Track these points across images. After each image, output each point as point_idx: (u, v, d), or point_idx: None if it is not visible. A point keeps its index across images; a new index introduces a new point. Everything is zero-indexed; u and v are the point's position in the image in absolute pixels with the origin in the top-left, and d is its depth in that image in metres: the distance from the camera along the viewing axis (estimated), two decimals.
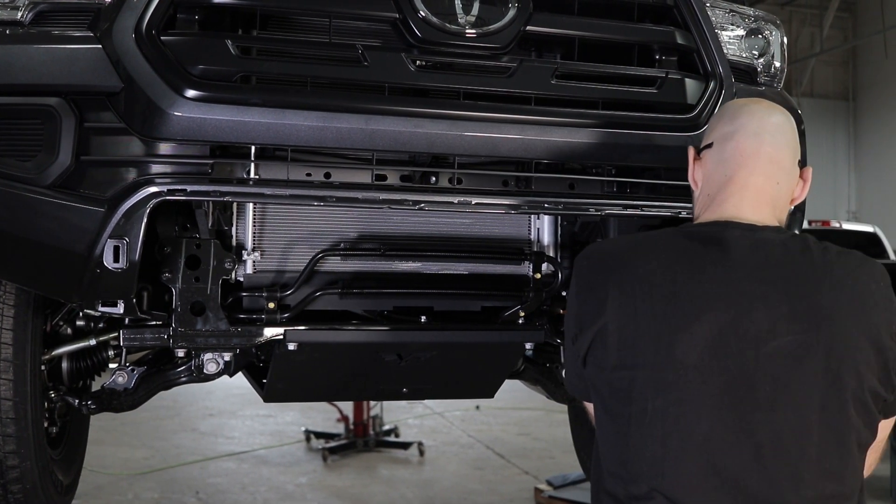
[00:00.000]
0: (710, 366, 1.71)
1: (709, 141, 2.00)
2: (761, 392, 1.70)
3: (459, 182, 2.67)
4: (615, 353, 1.79)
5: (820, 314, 1.73)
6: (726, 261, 1.78)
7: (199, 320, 2.60)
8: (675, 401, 1.72)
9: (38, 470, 2.75)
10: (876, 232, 11.36)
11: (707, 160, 1.99)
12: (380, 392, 3.57)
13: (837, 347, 1.72)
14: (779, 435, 1.70)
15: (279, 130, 2.34)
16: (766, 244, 1.82)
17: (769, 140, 1.91)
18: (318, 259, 2.74)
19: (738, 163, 1.91)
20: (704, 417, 1.70)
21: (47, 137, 2.28)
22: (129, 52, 2.27)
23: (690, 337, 1.72)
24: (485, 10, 2.48)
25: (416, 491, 5.94)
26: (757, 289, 1.75)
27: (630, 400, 1.77)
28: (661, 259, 1.81)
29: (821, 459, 1.71)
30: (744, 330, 1.72)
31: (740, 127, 1.94)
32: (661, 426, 1.72)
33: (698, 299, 1.75)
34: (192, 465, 6.50)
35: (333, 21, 2.50)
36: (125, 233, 2.30)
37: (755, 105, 2.00)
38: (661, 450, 1.72)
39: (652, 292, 1.77)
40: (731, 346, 1.71)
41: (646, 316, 1.76)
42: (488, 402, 8.16)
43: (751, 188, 1.90)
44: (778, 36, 3.11)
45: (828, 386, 1.71)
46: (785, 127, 1.95)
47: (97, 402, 2.87)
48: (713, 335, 1.72)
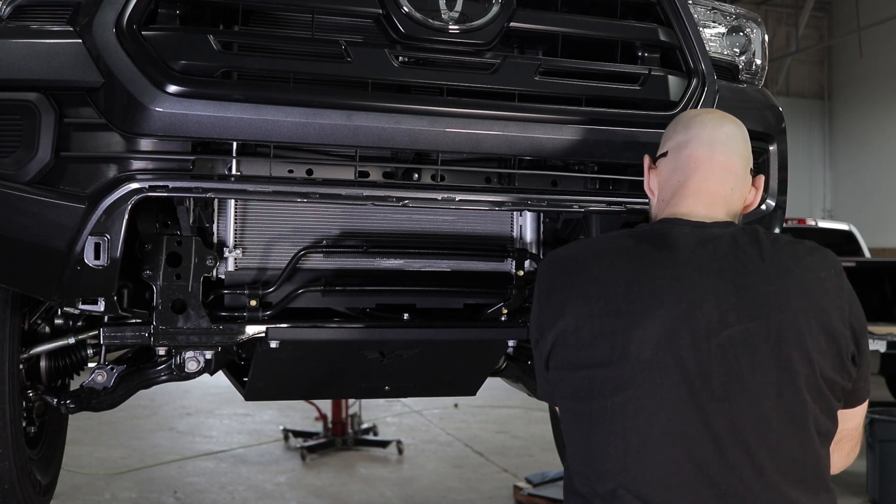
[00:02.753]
0: (665, 360, 1.75)
1: (664, 150, 2.06)
2: (716, 383, 1.74)
3: (443, 179, 2.67)
4: (574, 354, 1.83)
5: (769, 303, 1.77)
6: (675, 257, 1.83)
7: (181, 318, 2.58)
8: (634, 397, 1.75)
9: (16, 470, 2.72)
10: (851, 230, 11.41)
11: (662, 168, 2.05)
12: (362, 390, 3.55)
13: (788, 335, 1.76)
14: (736, 424, 1.73)
15: (261, 126, 2.32)
16: (714, 238, 1.86)
17: (721, 149, 1.97)
18: (301, 256, 2.73)
19: (692, 169, 1.97)
20: (663, 411, 1.74)
21: (26, 133, 2.26)
22: (109, 47, 2.24)
23: (644, 333, 1.76)
24: (468, 7, 2.48)
25: (395, 489, 5.93)
26: (706, 282, 1.79)
27: (591, 399, 1.80)
28: (614, 260, 1.86)
29: (781, 446, 1.74)
30: (695, 323, 1.76)
31: (694, 136, 1.99)
32: (622, 423, 1.76)
33: (649, 296, 1.79)
34: (170, 464, 6.46)
35: (316, 16, 2.49)
36: (106, 230, 2.28)
37: (708, 115, 2.06)
38: (623, 446, 1.76)
39: (606, 292, 1.82)
40: (684, 340, 1.75)
41: (601, 316, 1.81)
42: (467, 400, 8.17)
43: (704, 192, 1.96)
44: (759, 34, 3.12)
45: (781, 374, 1.75)
46: (737, 136, 2.01)
47: (76, 402, 2.84)
48: (666, 330, 1.76)
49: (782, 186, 3.07)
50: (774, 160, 3.05)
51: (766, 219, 3.02)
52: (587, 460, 1.82)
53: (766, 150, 3.03)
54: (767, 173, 3.03)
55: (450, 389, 3.58)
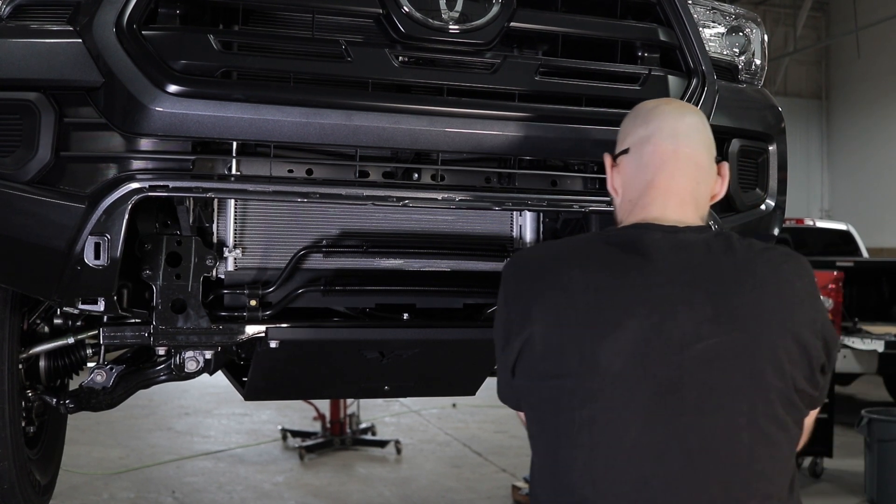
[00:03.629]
0: (636, 372, 1.69)
1: (624, 146, 1.98)
2: (688, 396, 1.68)
3: (443, 179, 2.66)
4: (541, 363, 1.77)
5: (744, 315, 1.72)
6: (647, 265, 1.77)
7: (180, 318, 2.58)
8: (603, 409, 1.70)
9: (15, 470, 2.72)
10: (849, 230, 11.42)
11: (625, 166, 1.97)
12: (361, 390, 3.56)
13: (762, 348, 1.70)
14: (708, 439, 1.68)
15: (261, 126, 2.32)
16: (687, 245, 1.80)
17: (685, 141, 1.91)
18: (301, 256, 2.72)
19: (658, 166, 1.90)
20: (632, 425, 1.69)
21: (26, 133, 2.25)
22: (109, 47, 2.24)
23: (614, 344, 1.70)
24: (468, 7, 2.47)
25: (394, 489, 5.93)
26: (680, 292, 1.73)
27: (558, 410, 1.75)
28: (583, 266, 1.79)
29: (751, 461, 1.70)
30: (668, 334, 1.70)
31: (656, 130, 1.93)
32: (590, 436, 1.70)
33: (621, 305, 1.73)
34: (168, 464, 6.46)
35: (317, 16, 2.49)
36: (106, 229, 2.27)
37: (667, 106, 1.99)
38: (591, 460, 1.70)
39: (575, 300, 1.75)
40: (656, 352, 1.69)
41: (570, 324, 1.74)
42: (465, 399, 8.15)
43: (673, 191, 1.89)
44: (758, 34, 3.12)
45: (754, 387, 1.70)
46: (699, 126, 1.95)
47: (75, 401, 2.84)
48: (637, 341, 1.70)
49: (782, 186, 3.06)
50: (774, 160, 3.05)
51: (766, 219, 3.01)
52: (553, 472, 1.77)
53: (766, 150, 3.03)
54: (767, 173, 3.03)
55: (449, 389, 3.59)
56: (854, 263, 8.91)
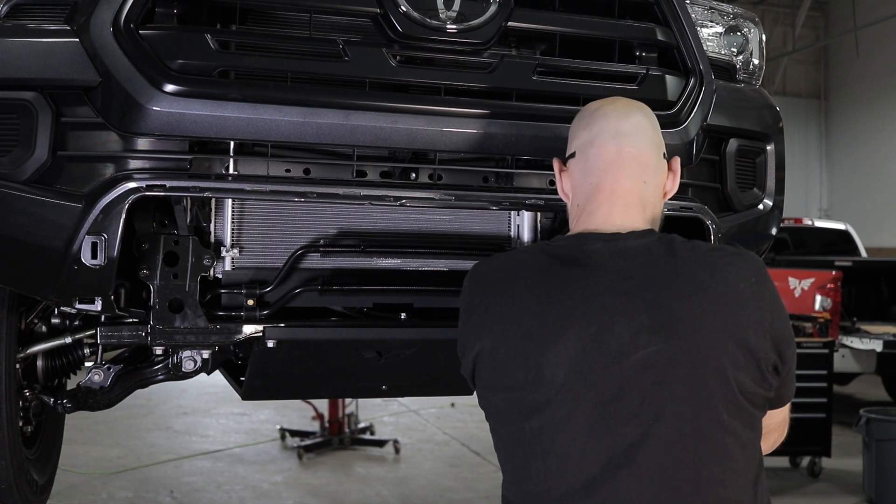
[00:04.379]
0: (578, 383, 1.70)
1: (571, 150, 1.98)
2: (629, 406, 1.68)
3: (440, 178, 2.66)
4: (492, 376, 1.79)
5: (682, 322, 1.70)
6: (586, 276, 1.77)
7: (178, 317, 2.57)
8: (550, 421, 1.71)
9: (12, 469, 2.72)
10: (848, 229, 11.43)
11: (573, 170, 1.97)
12: (359, 389, 3.56)
13: (702, 355, 1.69)
14: (651, 447, 1.68)
15: (259, 126, 2.31)
16: (627, 253, 1.79)
17: (629, 141, 1.90)
18: (298, 256, 2.72)
19: (602, 169, 1.90)
20: (579, 434, 1.69)
21: (23, 132, 2.25)
22: (106, 46, 2.23)
23: (556, 356, 1.71)
24: (466, 6, 2.47)
25: (392, 489, 5.93)
26: (617, 301, 1.73)
27: (510, 421, 1.77)
28: (527, 279, 1.81)
29: (698, 467, 1.69)
30: (606, 344, 1.70)
31: (599, 132, 1.92)
32: (541, 446, 1.72)
33: (561, 317, 1.73)
34: (167, 463, 6.46)
35: (314, 16, 2.48)
36: (103, 229, 2.27)
37: (610, 106, 1.97)
38: (544, 469, 1.72)
39: (519, 313, 1.77)
40: (596, 362, 1.70)
41: (514, 337, 1.75)
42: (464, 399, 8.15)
43: (619, 194, 1.88)
44: (756, 33, 3.12)
45: (695, 394, 1.69)
46: (643, 124, 1.94)
47: (73, 401, 2.84)
48: (577, 352, 1.70)
49: (780, 186, 3.06)
50: (772, 160, 3.04)
51: (764, 218, 3.01)
52: (513, 480, 1.79)
53: (764, 149, 3.02)
54: (765, 173, 3.03)
55: (447, 389, 3.58)
56: (853, 263, 8.93)
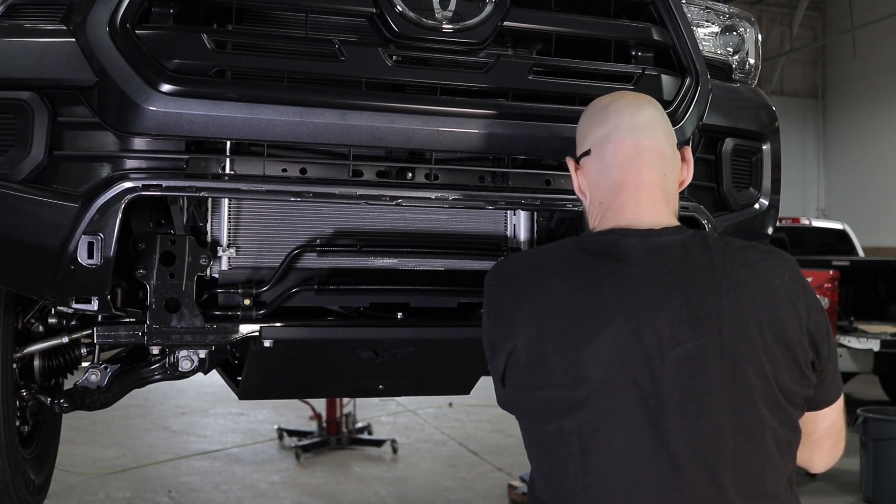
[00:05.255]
0: (619, 380, 1.69)
1: (585, 148, 1.97)
2: (671, 401, 1.68)
3: (436, 178, 2.66)
4: (527, 374, 1.76)
5: (722, 317, 1.71)
6: (623, 271, 1.76)
7: (174, 317, 2.57)
8: (590, 418, 1.69)
9: (9, 469, 2.72)
10: (845, 229, 11.44)
11: (589, 168, 1.96)
12: (356, 389, 3.56)
13: (742, 349, 1.70)
14: (692, 442, 1.68)
15: (255, 125, 2.32)
16: (663, 249, 1.79)
17: (645, 134, 1.89)
18: (294, 255, 2.72)
19: (623, 165, 1.88)
20: (619, 432, 1.69)
21: (19, 132, 2.25)
22: (102, 46, 2.24)
23: (595, 353, 1.69)
24: (462, 6, 2.47)
25: (390, 488, 5.93)
26: (656, 296, 1.72)
27: (546, 420, 1.75)
28: (562, 275, 1.78)
29: (738, 462, 1.69)
30: (647, 340, 1.69)
31: (614, 128, 1.91)
32: (579, 444, 1.70)
33: (599, 313, 1.72)
34: (164, 463, 6.46)
35: (310, 15, 2.49)
36: (99, 229, 2.27)
37: (621, 101, 1.96)
38: (582, 467, 1.71)
39: (555, 310, 1.74)
40: (637, 358, 1.69)
41: (551, 335, 1.73)
42: (461, 399, 8.16)
43: (643, 189, 1.87)
44: (752, 33, 3.12)
45: (735, 389, 1.69)
46: (656, 117, 1.93)
47: (70, 401, 2.84)
48: (617, 348, 1.69)
49: (775, 186, 3.07)
50: (768, 159, 3.05)
51: (760, 218, 3.02)
52: (547, 480, 1.78)
53: (760, 149, 3.03)
54: (761, 172, 3.04)
55: (444, 388, 3.59)
56: (850, 263, 8.93)
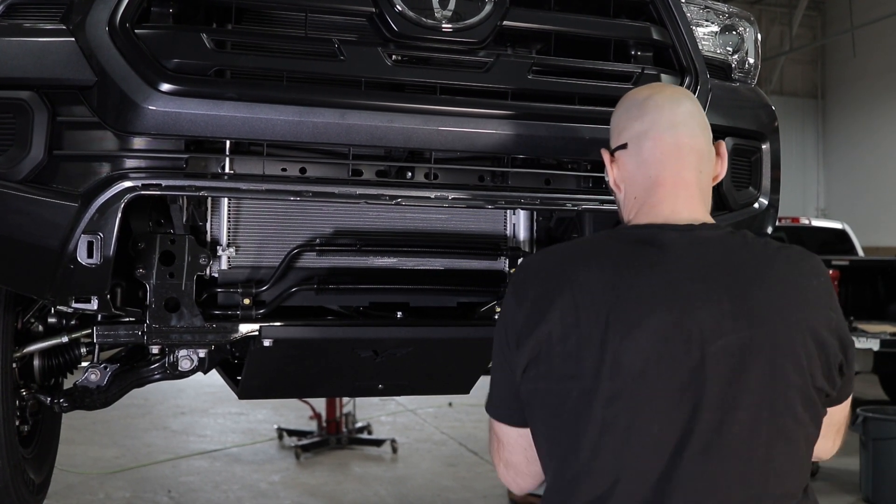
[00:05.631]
0: (657, 370, 1.66)
1: (621, 141, 1.93)
2: (709, 393, 1.66)
3: (436, 177, 2.66)
4: (560, 365, 1.72)
5: (763, 311, 1.70)
6: (664, 262, 1.74)
7: (174, 316, 2.58)
8: (626, 409, 1.67)
9: (9, 469, 2.73)
10: (845, 228, 11.43)
11: (625, 161, 1.92)
12: (356, 388, 3.56)
13: (781, 344, 1.69)
14: (727, 436, 1.66)
15: (254, 125, 2.32)
16: (704, 243, 1.77)
17: (685, 131, 1.87)
18: (294, 255, 2.72)
19: (661, 161, 1.86)
20: (654, 423, 1.66)
21: (19, 131, 2.25)
22: (102, 46, 2.24)
23: (635, 343, 1.67)
24: (461, 5, 2.47)
25: (390, 488, 5.93)
26: (698, 288, 1.70)
27: (578, 413, 1.70)
28: (601, 266, 1.75)
29: (769, 459, 1.69)
30: (688, 331, 1.67)
31: (653, 123, 1.87)
32: (612, 436, 1.67)
33: (640, 304, 1.69)
34: (164, 463, 6.46)
35: (310, 15, 2.49)
36: (99, 228, 2.27)
37: (660, 96, 1.93)
38: (615, 460, 1.68)
39: (594, 300, 1.71)
40: (677, 349, 1.67)
41: (588, 325, 1.70)
42: (461, 398, 8.15)
43: (681, 186, 1.85)
44: (752, 33, 3.12)
45: (775, 384, 1.68)
46: (695, 111, 1.91)
47: (70, 400, 2.84)
48: (658, 339, 1.67)
49: (775, 185, 3.07)
50: (767, 159, 3.05)
51: (759, 217, 3.02)
52: (573, 479, 1.72)
53: (759, 148, 3.03)
54: (760, 172, 3.04)
55: (443, 388, 3.58)
56: (850, 262, 8.93)
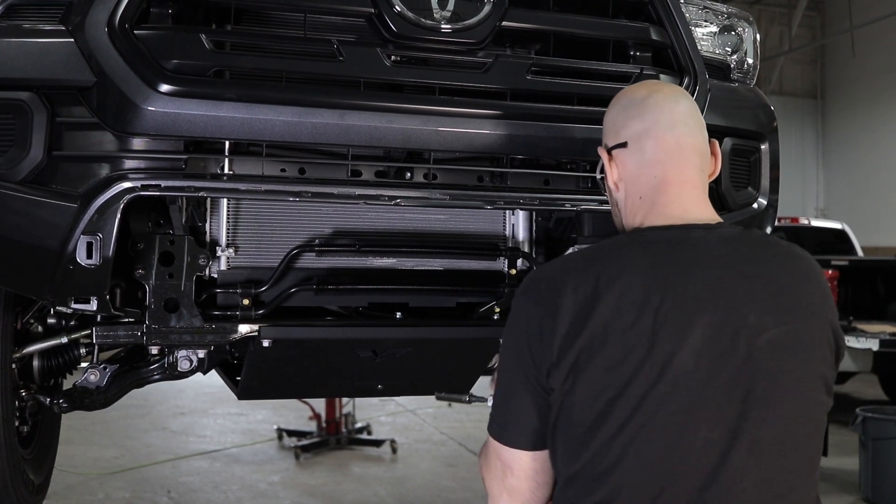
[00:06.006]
0: (708, 370, 1.66)
1: (620, 140, 1.91)
2: (756, 388, 1.67)
3: (435, 178, 2.67)
4: (602, 375, 1.67)
5: (797, 305, 1.73)
6: (702, 261, 1.73)
7: (173, 317, 2.58)
8: (677, 411, 1.65)
9: (8, 469, 2.73)
10: (844, 228, 11.44)
11: (624, 160, 1.90)
12: (355, 389, 3.56)
13: (814, 337, 1.73)
14: (773, 430, 1.67)
15: (254, 125, 2.32)
16: (729, 240, 1.78)
17: (685, 130, 1.86)
18: (293, 255, 2.72)
19: (664, 161, 1.85)
20: (704, 422, 1.65)
21: (18, 132, 2.25)
22: (101, 46, 2.24)
23: (687, 344, 1.65)
24: (460, 6, 2.48)
25: (389, 488, 5.93)
26: (739, 285, 1.71)
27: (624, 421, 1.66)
28: (639, 269, 1.72)
29: (808, 448, 1.72)
30: (735, 328, 1.67)
31: (654, 122, 1.86)
32: (662, 439, 1.65)
33: (688, 304, 1.68)
34: (164, 464, 6.45)
35: (308, 16, 2.49)
36: (98, 229, 2.28)
37: (659, 95, 1.91)
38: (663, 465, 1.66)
39: (636, 303, 1.68)
40: (726, 347, 1.66)
41: (634, 329, 1.66)
42: None
43: (687, 185, 1.85)
44: (751, 33, 3.13)
45: (809, 375, 1.71)
46: (693, 110, 1.91)
47: (69, 401, 2.85)
48: (708, 338, 1.66)
49: (774, 185, 3.07)
50: (766, 159, 3.05)
51: (758, 217, 3.02)
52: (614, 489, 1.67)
53: (758, 148, 3.03)
54: (759, 172, 3.04)
55: (443, 388, 3.58)
56: (849, 262, 8.93)
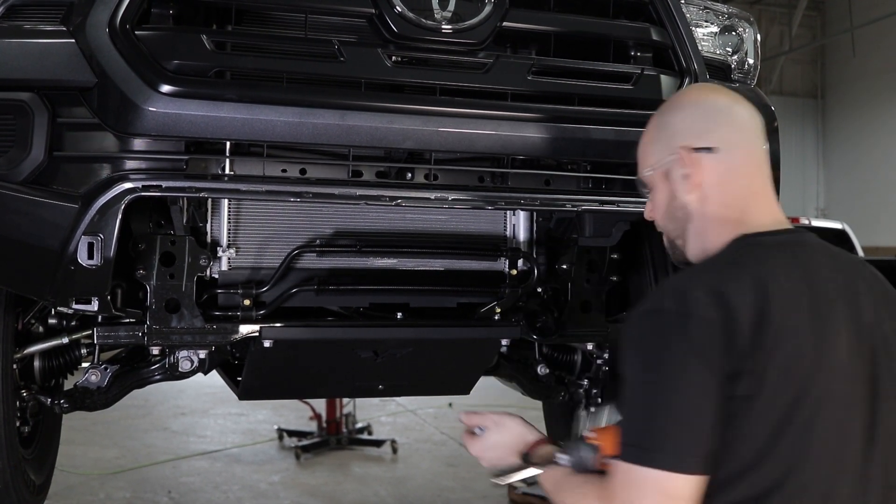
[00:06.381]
0: (853, 368, 1.71)
1: (707, 144, 1.86)
2: (884, 381, 1.74)
3: (436, 178, 2.67)
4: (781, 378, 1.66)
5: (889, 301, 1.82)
6: (827, 263, 1.80)
7: (174, 317, 2.58)
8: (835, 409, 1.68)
9: (9, 470, 2.73)
10: (844, 228, 11.45)
11: (708, 164, 1.86)
12: (356, 389, 3.56)
13: None
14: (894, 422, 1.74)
15: (254, 126, 2.32)
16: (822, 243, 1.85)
17: (762, 141, 1.90)
18: (294, 255, 2.73)
19: (753, 173, 1.87)
20: (849, 418, 1.70)
21: (19, 133, 2.26)
22: (102, 47, 2.24)
23: (838, 344, 1.70)
24: (461, 6, 2.48)
25: (390, 488, 5.93)
26: (853, 284, 1.78)
27: (790, 419, 1.65)
28: (784, 271, 1.73)
29: None
30: (862, 324, 1.74)
31: (744, 133, 1.88)
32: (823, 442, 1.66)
33: (828, 305, 1.73)
34: (164, 464, 6.45)
35: (309, 16, 2.49)
36: (99, 229, 2.28)
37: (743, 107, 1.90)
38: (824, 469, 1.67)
39: (797, 305, 1.70)
40: (861, 343, 1.73)
41: (797, 329, 1.67)
42: (461, 399, 8.15)
43: (771, 196, 1.90)
44: (751, 33, 3.13)
45: None
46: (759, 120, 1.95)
47: (70, 401, 2.84)
48: (850, 335, 1.72)
49: (775, 186, 3.07)
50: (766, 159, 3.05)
51: None
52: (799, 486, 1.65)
53: None
54: None
55: (443, 388, 3.59)
56: None
